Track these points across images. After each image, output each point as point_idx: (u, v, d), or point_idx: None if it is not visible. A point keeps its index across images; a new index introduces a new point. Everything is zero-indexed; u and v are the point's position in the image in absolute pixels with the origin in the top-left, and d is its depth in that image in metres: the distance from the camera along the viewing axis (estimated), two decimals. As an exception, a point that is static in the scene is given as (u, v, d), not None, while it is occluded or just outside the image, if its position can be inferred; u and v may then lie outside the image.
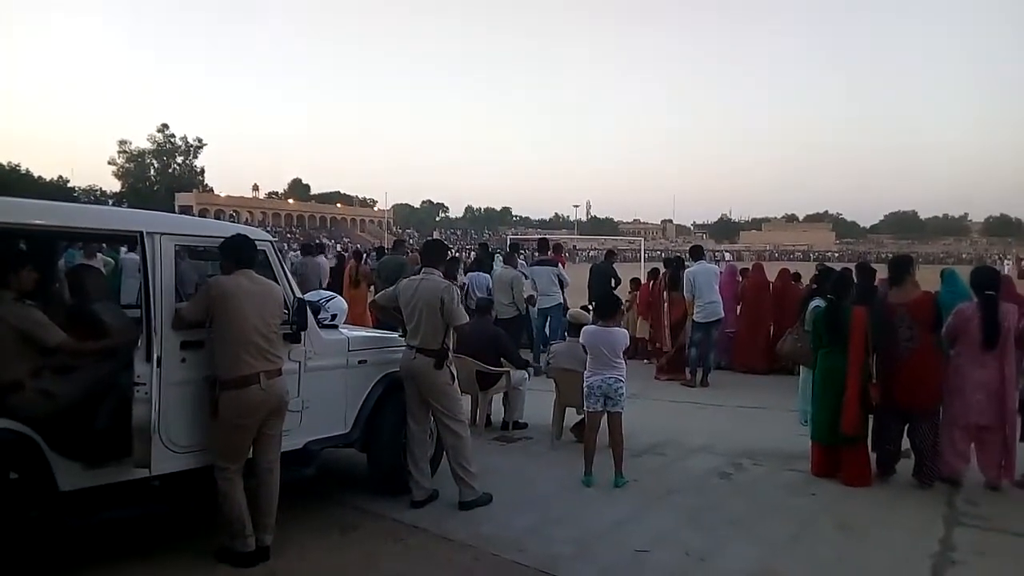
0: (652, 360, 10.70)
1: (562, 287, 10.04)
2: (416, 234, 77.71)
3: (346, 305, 5.20)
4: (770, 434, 6.78)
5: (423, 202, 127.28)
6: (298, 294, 4.41)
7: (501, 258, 11.06)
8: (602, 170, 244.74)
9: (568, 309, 9.24)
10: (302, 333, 4.28)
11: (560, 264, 10.53)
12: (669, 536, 4.46)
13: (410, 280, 4.97)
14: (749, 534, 4.54)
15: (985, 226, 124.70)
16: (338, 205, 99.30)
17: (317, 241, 24.07)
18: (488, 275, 10.35)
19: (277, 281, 4.22)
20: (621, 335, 5.42)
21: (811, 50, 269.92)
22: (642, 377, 10.08)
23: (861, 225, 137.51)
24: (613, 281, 12.51)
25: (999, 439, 5.25)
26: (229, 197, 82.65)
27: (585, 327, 5.54)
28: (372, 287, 10.79)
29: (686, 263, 10.43)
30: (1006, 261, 48.11)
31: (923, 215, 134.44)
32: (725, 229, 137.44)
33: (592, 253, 54.42)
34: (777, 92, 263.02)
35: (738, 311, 11.00)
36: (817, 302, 6.18)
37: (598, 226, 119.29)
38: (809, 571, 4.06)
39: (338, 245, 56.08)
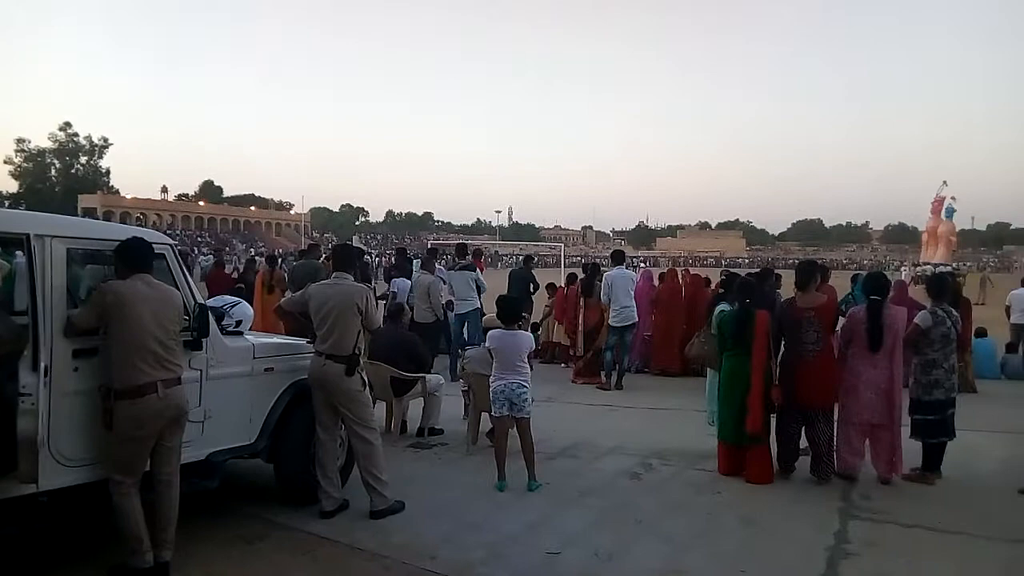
0: (569, 364, 10.84)
1: (479, 292, 10.07)
2: (335, 238, 76.31)
3: (252, 311, 5.05)
4: (680, 434, 6.96)
5: (342, 206, 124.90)
6: (199, 299, 4.25)
7: (419, 263, 11.02)
8: (525, 176, 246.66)
9: (485, 314, 9.28)
10: (203, 340, 4.14)
11: (478, 269, 10.55)
12: (580, 537, 4.51)
13: (321, 285, 4.87)
14: (657, 532, 4.64)
15: (885, 233, 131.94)
16: (252, 208, 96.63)
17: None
18: (408, 280, 10.28)
19: (177, 286, 4.07)
20: (525, 338, 5.47)
21: (721, 61, 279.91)
22: (559, 381, 10.21)
23: (770, 233, 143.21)
24: (532, 286, 12.66)
25: (889, 436, 5.55)
26: (136, 199, 79.40)
27: (490, 331, 5.56)
28: (286, 293, 10.52)
29: (602, 269, 10.61)
30: (903, 267, 51.07)
31: (828, 223, 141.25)
32: (642, 236, 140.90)
33: (514, 259, 54.67)
34: (691, 102, 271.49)
35: (653, 315, 11.27)
36: (722, 306, 6.39)
37: (520, 232, 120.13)
38: (713, 566, 4.17)
39: (252, 249, 54.58)
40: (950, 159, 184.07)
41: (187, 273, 4.33)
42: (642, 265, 52.55)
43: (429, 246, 15.80)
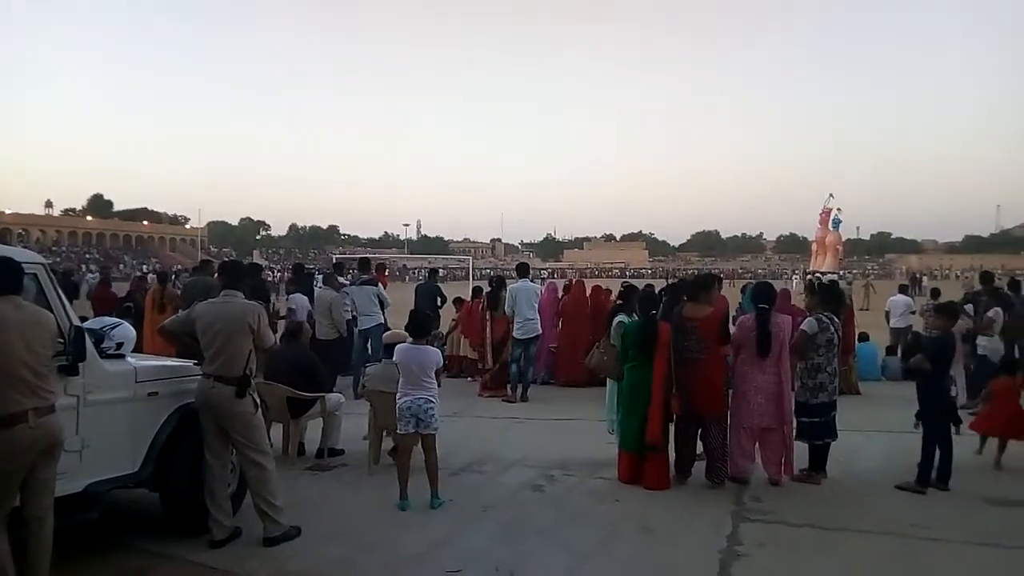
0: (476, 378, 10.82)
1: (383, 307, 9.93)
2: (234, 253, 73.82)
3: (134, 332, 4.78)
4: (582, 445, 7.05)
5: (242, 219, 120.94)
6: (75, 321, 4.01)
7: (322, 278, 10.80)
8: (433, 189, 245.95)
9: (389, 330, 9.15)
10: (80, 364, 3.89)
11: (381, 284, 10.41)
12: (482, 553, 4.49)
13: (208, 303, 4.68)
14: (558, 543, 4.68)
15: (777, 244, 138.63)
16: (145, 223, 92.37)
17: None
18: (305, 296, 10.02)
19: (51, 308, 3.82)
20: (433, 353, 5.43)
21: (623, 76, 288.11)
22: (465, 395, 10.17)
23: (671, 244, 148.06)
24: (439, 300, 12.59)
25: (779, 439, 5.81)
26: (16, 215, 74.55)
27: (397, 345, 5.49)
28: (179, 312, 10.08)
29: (507, 281, 10.66)
30: (794, 276, 53.77)
31: (724, 234, 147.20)
32: (550, 248, 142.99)
33: (423, 273, 54.36)
34: (595, 116, 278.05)
35: (559, 327, 11.41)
36: (621, 317, 6.54)
37: (428, 245, 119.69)
38: (612, 574, 4.24)
39: (144, 266, 52.11)
40: (837, 171, 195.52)
41: (61, 294, 4.07)
42: (543, 276, 53.32)
43: (335, 261, 15.47)
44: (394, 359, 5.40)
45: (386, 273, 13.47)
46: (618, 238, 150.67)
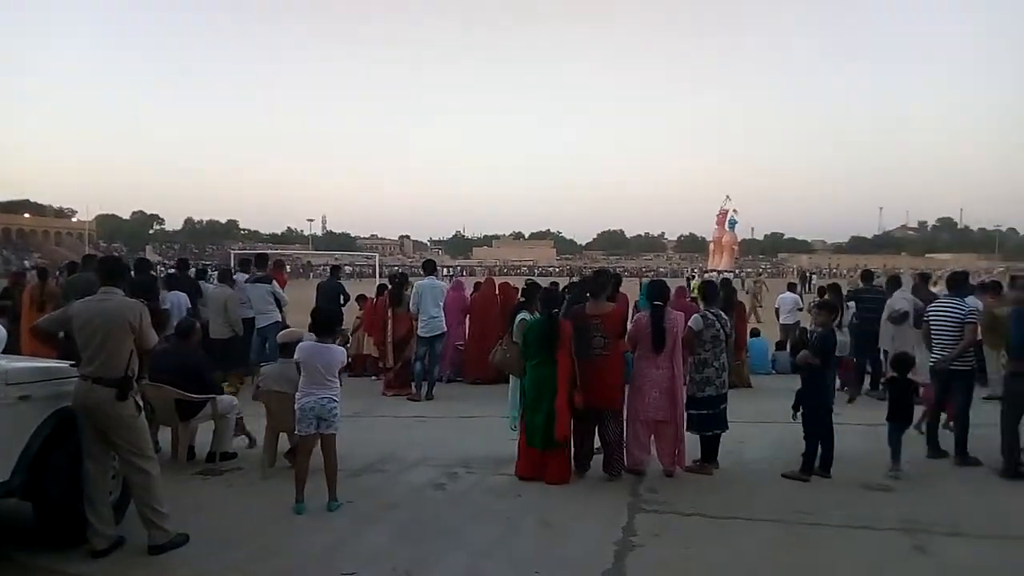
0: (380, 377, 10.68)
1: (280, 306, 9.64)
2: (124, 248, 70.13)
3: (4, 332, 4.47)
4: (486, 441, 7.07)
5: (133, 213, 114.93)
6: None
7: (216, 275, 10.37)
8: (340, 184, 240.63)
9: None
10: (-62, 368, 3.60)
11: (278, 282, 10.09)
12: (379, 554, 4.42)
13: (86, 301, 4.41)
14: (459, 541, 4.67)
15: (678, 244, 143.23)
16: (27, 215, 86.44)
17: None
18: (184, 294, 9.55)
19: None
20: (337, 352, 5.31)
21: (533, 73, 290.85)
22: (369, 394, 10.04)
23: (578, 242, 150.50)
24: (342, 298, 12.35)
25: (673, 431, 6.01)
26: None
27: (300, 343, 5.34)
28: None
29: (410, 279, 10.57)
30: (694, 274, 55.74)
31: (629, 233, 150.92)
32: (459, 245, 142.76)
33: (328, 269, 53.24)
34: (504, 114, 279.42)
35: (467, 324, 11.40)
36: (523, 315, 6.59)
37: (334, 241, 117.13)
38: (510, 571, 4.26)
39: (26, 261, 48.83)
40: (734, 174, 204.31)
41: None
42: (450, 274, 53.34)
43: (238, 257, 14.88)
44: (296, 358, 5.25)
45: (285, 270, 13.09)
46: (527, 236, 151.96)
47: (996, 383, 7.88)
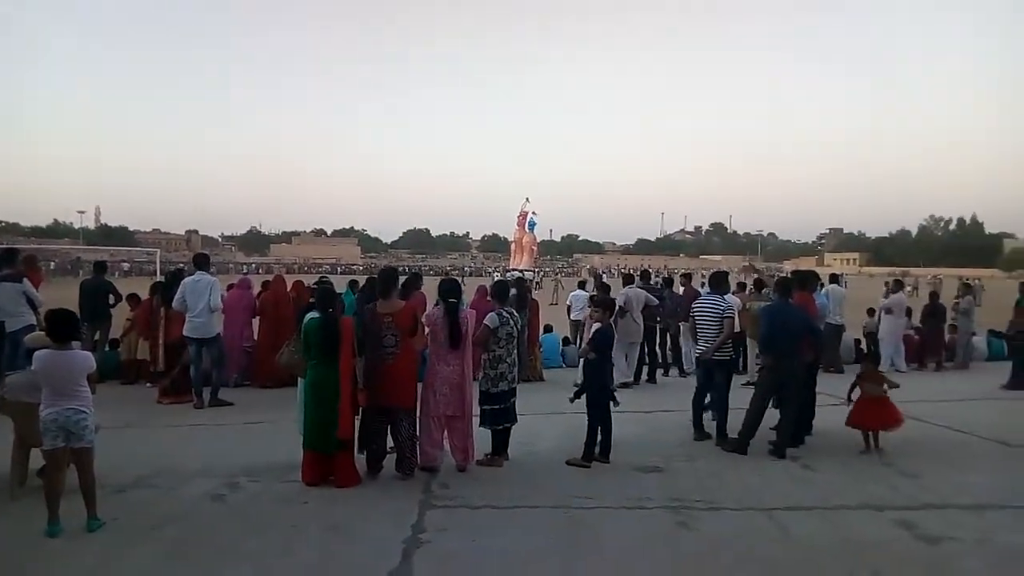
0: (155, 384, 9.82)
1: (33, 307, 8.54)
2: None
3: None
4: (272, 448, 6.74)
5: None
6: None
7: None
8: (117, 173, 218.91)
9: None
10: None
11: (31, 280, 8.91)
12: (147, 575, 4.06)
13: None
14: (240, 554, 4.39)
15: (482, 243, 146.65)
16: None
17: None
18: None
19: None
20: (82, 358, 4.78)
21: (332, 70, 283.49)
22: (143, 403, 9.24)
23: (383, 240, 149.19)
24: (112, 298, 11.25)
25: (463, 426, 6.10)
26: None
27: (37, 352, 4.74)
28: None
29: (185, 274, 9.77)
30: (495, 272, 57.27)
31: (435, 232, 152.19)
32: (255, 241, 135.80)
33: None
34: (306, 109, 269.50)
35: (261, 325, 10.79)
36: (312, 314, 6.35)
37: (110, 235, 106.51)
38: (297, 579, 4.09)
39: None
40: (534, 177, 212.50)
41: None
42: (243, 272, 50.64)
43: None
44: (33, 367, 4.66)
45: (40, 268, 11.64)
46: (329, 233, 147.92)
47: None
